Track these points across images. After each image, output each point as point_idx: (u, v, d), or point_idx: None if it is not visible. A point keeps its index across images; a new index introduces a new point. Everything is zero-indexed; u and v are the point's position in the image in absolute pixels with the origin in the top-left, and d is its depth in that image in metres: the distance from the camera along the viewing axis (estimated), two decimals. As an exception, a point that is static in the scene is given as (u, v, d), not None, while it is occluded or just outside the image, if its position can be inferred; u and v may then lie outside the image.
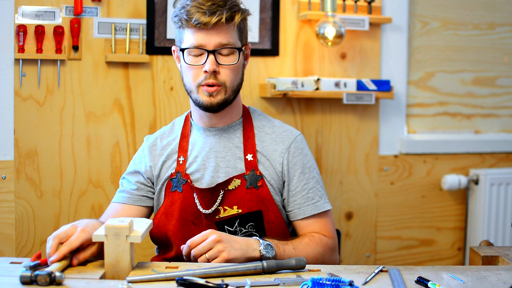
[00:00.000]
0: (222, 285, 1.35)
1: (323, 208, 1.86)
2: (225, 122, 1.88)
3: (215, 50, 1.76)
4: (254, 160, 1.84)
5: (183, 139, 1.91)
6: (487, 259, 1.66)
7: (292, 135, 1.90)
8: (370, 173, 2.81)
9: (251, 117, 1.92)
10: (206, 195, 1.82)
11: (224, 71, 1.78)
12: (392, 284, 1.42)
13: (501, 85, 2.98)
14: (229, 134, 1.88)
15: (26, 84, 2.41)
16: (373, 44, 2.77)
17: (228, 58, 1.79)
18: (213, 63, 1.76)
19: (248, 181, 1.82)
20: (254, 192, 1.82)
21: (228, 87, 1.80)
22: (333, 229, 1.88)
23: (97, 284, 1.39)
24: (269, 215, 1.82)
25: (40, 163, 2.45)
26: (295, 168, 1.86)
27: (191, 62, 1.79)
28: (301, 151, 1.89)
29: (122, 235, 1.45)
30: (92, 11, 2.45)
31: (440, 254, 2.93)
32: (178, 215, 1.83)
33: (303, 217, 1.85)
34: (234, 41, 1.79)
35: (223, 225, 1.81)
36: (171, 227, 1.84)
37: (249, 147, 1.86)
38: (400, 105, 2.83)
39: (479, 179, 2.83)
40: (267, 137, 1.88)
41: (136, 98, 2.54)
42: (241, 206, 1.81)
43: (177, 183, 1.85)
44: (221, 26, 1.76)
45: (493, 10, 2.94)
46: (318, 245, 1.79)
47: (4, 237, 2.42)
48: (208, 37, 1.76)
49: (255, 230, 1.82)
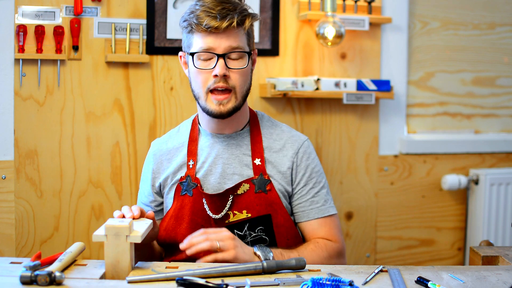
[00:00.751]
0: (222, 285, 1.35)
1: (327, 212, 1.87)
2: (232, 128, 1.87)
3: (225, 54, 1.76)
4: (262, 164, 1.84)
5: (191, 143, 1.90)
6: (487, 259, 1.66)
7: (300, 140, 1.91)
8: (370, 173, 2.81)
9: (259, 123, 1.92)
10: (215, 200, 1.81)
11: (234, 76, 1.78)
12: (392, 284, 1.42)
13: (501, 85, 2.98)
14: (237, 141, 1.87)
15: (26, 84, 2.41)
16: (373, 44, 2.77)
17: (238, 62, 1.78)
18: (223, 67, 1.75)
19: (257, 185, 1.82)
20: (263, 196, 1.82)
21: (238, 92, 1.79)
22: (338, 233, 1.88)
23: (97, 284, 1.39)
24: (278, 219, 1.83)
25: (40, 163, 2.45)
26: (303, 172, 1.87)
27: (201, 67, 1.78)
28: (309, 156, 1.89)
29: (122, 235, 1.45)
30: (92, 11, 2.45)
31: (440, 254, 2.93)
32: (189, 219, 1.83)
33: (307, 220, 1.86)
34: (243, 45, 1.79)
35: (233, 229, 1.81)
36: (181, 231, 1.83)
37: (257, 152, 1.85)
38: (400, 105, 2.83)
39: (479, 179, 2.83)
40: (276, 143, 1.89)
41: (136, 98, 2.54)
42: (250, 210, 1.81)
43: (187, 187, 1.85)
44: (231, 30, 1.76)
45: (493, 10, 2.94)
46: (323, 250, 1.80)
47: (4, 237, 2.42)
48: (218, 41, 1.75)
49: (265, 234, 1.82)
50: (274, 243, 1.83)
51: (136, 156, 2.54)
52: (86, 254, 2.48)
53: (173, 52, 2.54)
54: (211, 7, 1.74)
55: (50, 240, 2.48)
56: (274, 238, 1.82)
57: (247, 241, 1.81)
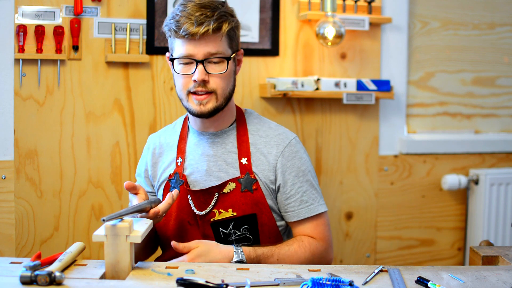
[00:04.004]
0: (222, 285, 1.35)
1: (317, 211, 1.89)
2: (218, 127, 1.91)
3: (204, 59, 1.79)
4: (249, 163, 1.86)
5: (181, 141, 1.95)
6: (487, 259, 1.66)
7: (287, 139, 1.91)
8: (370, 173, 2.81)
9: (246, 120, 1.93)
10: (199, 196, 1.85)
11: (214, 80, 1.81)
12: (392, 284, 1.43)
13: (501, 85, 2.98)
14: (222, 139, 1.90)
15: (26, 84, 2.41)
16: (373, 44, 2.77)
17: (218, 67, 1.81)
18: (201, 73, 1.78)
19: (243, 184, 1.84)
20: (249, 195, 1.83)
21: (219, 94, 1.82)
22: (326, 231, 1.91)
23: (97, 284, 1.39)
24: (262, 218, 1.85)
25: (40, 163, 2.45)
26: (289, 172, 1.88)
27: (181, 71, 1.82)
28: (295, 155, 1.90)
29: (122, 235, 1.45)
30: (92, 11, 2.45)
31: (440, 254, 2.93)
32: (175, 215, 1.88)
33: (297, 219, 1.88)
34: (223, 49, 1.81)
35: (218, 226, 1.84)
36: (170, 227, 1.89)
37: (243, 151, 1.87)
38: (400, 105, 2.83)
39: (479, 179, 2.83)
40: (261, 140, 1.90)
41: (136, 98, 2.54)
42: (236, 209, 1.83)
43: (175, 183, 1.89)
44: (209, 36, 1.78)
45: (493, 10, 2.94)
46: (306, 251, 1.83)
47: (4, 237, 2.42)
48: (196, 47, 1.78)
49: (249, 233, 1.85)
50: (258, 241, 1.86)
51: (136, 156, 2.54)
52: (86, 254, 2.49)
53: (173, 52, 2.54)
54: (191, 13, 1.77)
55: (50, 240, 2.49)
56: (258, 237, 1.86)
57: (232, 239, 1.84)
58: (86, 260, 1.55)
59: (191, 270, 1.49)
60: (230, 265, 1.59)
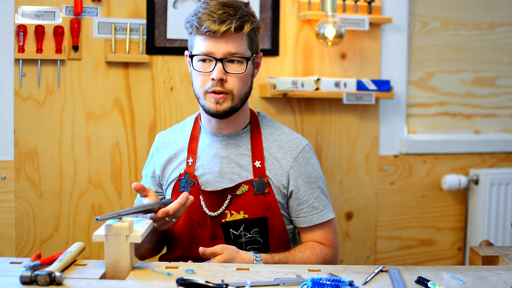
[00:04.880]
0: (222, 285, 1.35)
1: (327, 218, 1.90)
2: (232, 128, 1.89)
3: (223, 58, 1.77)
4: (262, 167, 1.85)
5: (192, 141, 1.93)
6: (487, 259, 1.66)
7: (301, 145, 1.91)
8: (370, 173, 2.81)
9: (259, 123, 1.93)
10: (212, 197, 1.83)
11: (231, 80, 1.79)
12: (392, 284, 1.42)
13: (501, 85, 2.98)
14: (236, 141, 1.89)
15: (26, 84, 2.41)
16: (373, 44, 2.77)
17: (236, 67, 1.80)
18: (220, 71, 1.77)
19: (256, 187, 1.84)
20: (261, 198, 1.83)
21: (236, 95, 1.81)
22: (334, 237, 1.92)
23: (97, 284, 1.39)
24: (273, 222, 1.85)
25: (40, 163, 2.45)
26: (302, 178, 1.88)
27: (200, 69, 1.80)
28: (308, 161, 1.90)
29: (122, 235, 1.45)
30: (92, 11, 2.45)
31: (440, 254, 2.93)
32: (185, 215, 1.86)
33: (308, 225, 1.89)
34: (243, 50, 1.80)
35: (229, 228, 1.83)
36: (177, 227, 1.87)
37: (257, 154, 1.87)
38: (400, 105, 2.83)
39: (479, 179, 2.83)
40: (275, 144, 1.90)
41: (136, 98, 2.54)
42: (247, 211, 1.83)
43: (185, 183, 1.87)
44: (230, 35, 1.77)
45: (493, 10, 2.94)
46: (318, 258, 1.83)
47: (4, 237, 2.42)
48: (217, 45, 1.77)
49: (259, 236, 1.84)
50: (267, 244, 1.86)
51: (136, 156, 2.54)
52: (86, 254, 2.48)
53: (173, 52, 2.54)
54: (213, 11, 1.76)
55: (50, 240, 2.48)
56: (268, 240, 1.85)
57: (241, 241, 1.84)
58: (86, 260, 1.55)
59: (191, 270, 1.49)
60: (230, 265, 1.59)
